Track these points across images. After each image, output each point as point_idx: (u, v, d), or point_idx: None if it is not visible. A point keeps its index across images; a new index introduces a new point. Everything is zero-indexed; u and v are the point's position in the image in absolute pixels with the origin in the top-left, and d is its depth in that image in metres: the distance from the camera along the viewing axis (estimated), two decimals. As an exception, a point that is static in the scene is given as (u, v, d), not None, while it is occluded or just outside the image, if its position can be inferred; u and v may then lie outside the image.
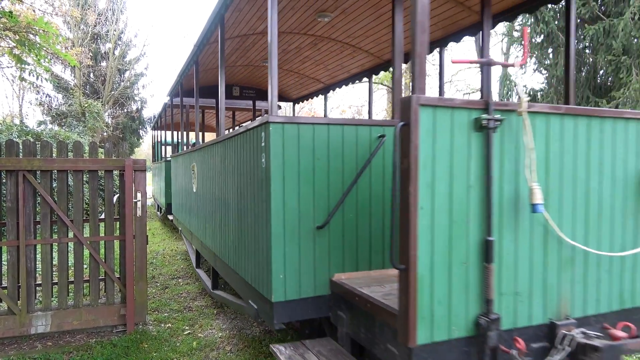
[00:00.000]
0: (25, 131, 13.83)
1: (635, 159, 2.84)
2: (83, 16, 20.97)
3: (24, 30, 7.26)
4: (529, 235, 2.54)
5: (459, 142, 2.33)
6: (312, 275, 3.16)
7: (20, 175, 4.23)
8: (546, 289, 2.60)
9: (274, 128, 2.99)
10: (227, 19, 4.85)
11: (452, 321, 2.33)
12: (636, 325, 2.80)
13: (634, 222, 2.84)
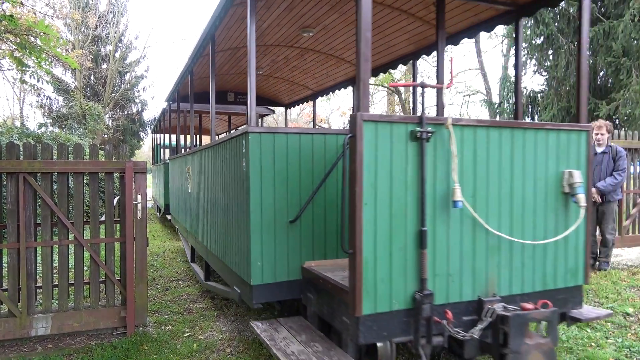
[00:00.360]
0: (26, 133, 13.85)
1: (555, 163, 3.36)
2: (84, 19, 21.02)
3: (24, 33, 7.28)
4: (459, 226, 3.05)
5: (397, 150, 2.84)
6: (286, 262, 3.70)
7: (21, 178, 4.24)
8: (475, 271, 3.11)
9: (252, 137, 3.52)
10: (218, 36, 5.27)
11: (393, 296, 2.85)
12: (557, 304, 3.37)
13: (554, 215, 3.36)
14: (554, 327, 2.94)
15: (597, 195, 6.31)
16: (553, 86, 13.16)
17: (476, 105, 23.04)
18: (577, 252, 3.50)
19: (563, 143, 3.41)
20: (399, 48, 5.68)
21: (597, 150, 6.33)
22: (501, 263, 3.19)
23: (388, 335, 2.87)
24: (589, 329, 4.56)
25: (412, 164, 2.89)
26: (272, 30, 5.49)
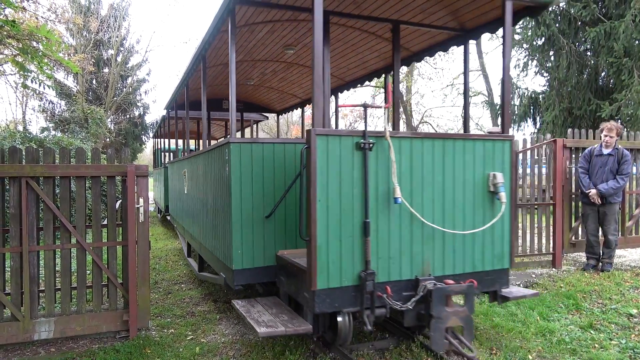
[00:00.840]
0: (28, 138, 13.90)
1: (482, 167, 3.99)
2: (85, 23, 21.08)
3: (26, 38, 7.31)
4: (399, 219, 3.68)
5: (345, 157, 3.46)
6: (262, 251, 4.33)
7: (24, 182, 4.25)
8: (413, 256, 3.75)
9: (233, 147, 4.20)
10: (209, 56, 5.89)
11: (342, 274, 3.48)
12: (485, 284, 4.06)
13: (481, 210, 4.00)
14: (470, 299, 3.63)
15: (597, 197, 6.26)
16: (554, 87, 13.14)
17: (478, 107, 22.99)
18: (503, 240, 4.15)
19: (489, 150, 4.05)
20: (372, 64, 6.44)
21: (604, 151, 6.26)
22: (435, 249, 3.85)
23: (339, 306, 3.50)
24: (593, 330, 4.55)
25: (358, 168, 3.53)
26: (258, 48, 6.17)
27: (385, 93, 5.72)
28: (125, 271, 4.60)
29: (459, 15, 4.85)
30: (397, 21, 5.05)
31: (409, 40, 5.57)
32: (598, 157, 6.27)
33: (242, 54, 6.47)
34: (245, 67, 7.14)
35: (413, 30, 5.31)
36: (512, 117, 14.38)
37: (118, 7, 24.87)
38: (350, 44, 5.87)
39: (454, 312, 3.53)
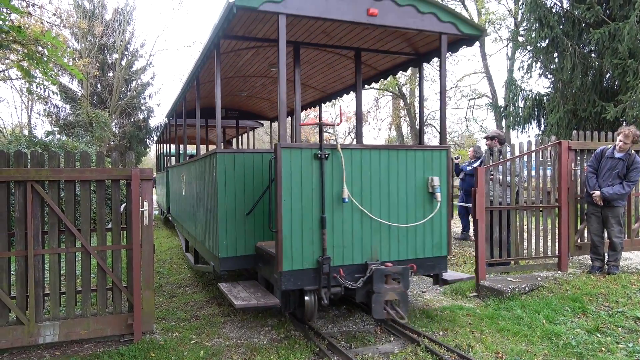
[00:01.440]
0: (33, 142, 13.96)
1: (422, 172, 4.85)
2: (90, 27, 21.18)
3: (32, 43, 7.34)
4: (351, 214, 4.53)
5: (305, 165, 4.32)
6: (244, 242, 5.16)
7: (29, 186, 4.27)
8: (363, 244, 4.58)
9: (219, 156, 5.05)
10: (201, 75, 6.74)
11: (304, 259, 4.31)
12: (426, 268, 4.93)
13: (422, 207, 4.85)
14: (405, 278, 4.43)
15: (600, 199, 6.17)
16: (559, 89, 13.08)
17: (482, 109, 22.92)
18: (441, 232, 4.96)
19: (428, 158, 4.90)
20: (347, 79, 7.35)
21: (616, 154, 6.12)
22: (382, 239, 4.67)
23: (301, 284, 4.33)
24: (599, 334, 4.51)
25: (316, 174, 4.38)
26: (247, 66, 6.99)
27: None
28: (130, 274, 4.60)
29: (411, 43, 5.66)
30: (358, 48, 5.94)
31: (375, 62, 6.48)
32: (608, 159, 6.18)
33: (233, 72, 7.33)
34: (237, 82, 8.07)
35: (372, 56, 6.25)
36: (517, 119, 14.31)
37: (122, 11, 24.98)
38: (327, 64, 6.75)
39: (392, 288, 4.34)
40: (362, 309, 5.43)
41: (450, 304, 5.63)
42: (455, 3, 21.73)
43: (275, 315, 5.35)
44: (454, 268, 7.68)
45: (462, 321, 4.97)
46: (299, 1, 4.28)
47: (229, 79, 7.72)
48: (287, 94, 6.04)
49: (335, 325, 4.99)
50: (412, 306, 5.61)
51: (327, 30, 5.42)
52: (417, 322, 4.96)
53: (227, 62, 6.62)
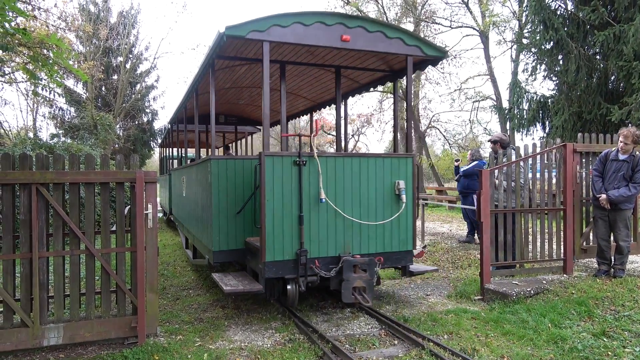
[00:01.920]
0: (38, 144, 14.02)
1: (390, 176, 5.49)
2: (95, 31, 21.27)
3: (37, 46, 7.38)
4: (326, 213, 5.16)
5: (286, 171, 4.96)
6: (234, 237, 5.79)
7: (34, 188, 4.28)
8: (337, 239, 5.21)
9: (213, 162, 5.72)
10: (200, 87, 7.25)
11: (284, 251, 4.95)
12: (393, 261, 5.55)
13: (389, 207, 5.49)
14: (371, 268, 5.05)
15: (606, 202, 6.12)
16: (564, 91, 13.03)
17: (486, 111, 22.85)
18: (407, 229, 5.60)
19: (395, 165, 5.55)
20: (334, 91, 7.67)
21: (620, 157, 6.07)
22: (354, 235, 5.31)
23: (282, 273, 4.97)
24: (606, 338, 4.48)
25: (295, 178, 5.02)
26: (242, 79, 7.70)
27: (311, 124, 7.95)
28: (134, 277, 4.60)
29: (386, 61, 6.33)
30: (338, 66, 6.69)
31: (357, 76, 7.20)
32: (613, 162, 6.13)
33: (230, 83, 7.99)
34: (234, 91, 8.73)
35: (350, 73, 7.05)
36: (521, 121, 14.26)
37: (127, 14, 25.10)
38: (315, 77, 7.42)
39: (359, 276, 4.95)
40: (367, 312, 5.41)
41: (454, 307, 5.60)
42: (459, 6, 21.73)
43: (279, 318, 5.34)
44: (458, 271, 7.65)
45: (467, 324, 4.95)
46: (280, 30, 4.92)
47: (227, 89, 8.40)
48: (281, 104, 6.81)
49: (340, 328, 4.97)
50: (417, 310, 5.59)
51: (310, 50, 6.00)
52: (421, 325, 4.94)
53: (224, 75, 7.32)
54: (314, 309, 5.72)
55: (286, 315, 5.37)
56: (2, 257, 4.31)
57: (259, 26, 4.84)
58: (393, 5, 23.17)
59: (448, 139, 27.09)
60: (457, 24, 22.10)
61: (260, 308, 5.80)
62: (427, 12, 23.08)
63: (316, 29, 5.09)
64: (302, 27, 5.05)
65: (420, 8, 22.82)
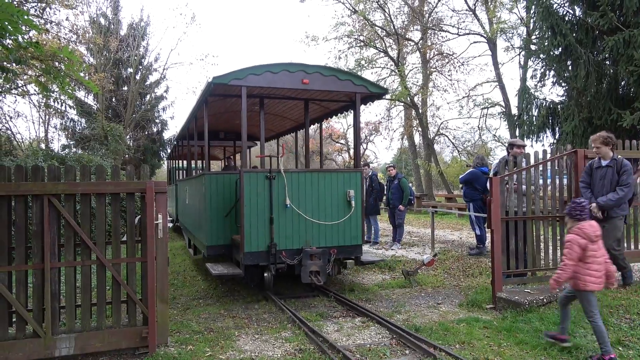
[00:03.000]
0: (50, 155, 14.18)
1: (343, 187, 6.84)
2: (105, 43, 21.54)
3: (49, 59, 7.49)
4: (292, 215, 6.51)
5: (260, 183, 6.34)
6: (223, 235, 7.21)
7: (46, 200, 4.32)
8: (299, 235, 6.54)
9: (207, 176, 7.21)
10: (197, 114, 8.56)
11: (259, 244, 6.32)
12: (347, 252, 6.87)
13: (342, 211, 6.83)
14: (325, 257, 6.43)
15: (598, 211, 5.76)
16: (573, 97, 12.94)
17: (495, 118, 22.69)
18: (357, 228, 6.96)
19: (346, 177, 6.98)
20: (311, 114, 8.97)
21: (602, 163, 5.85)
22: (313, 232, 6.69)
23: (257, 261, 6.38)
24: (621, 347, 4.40)
25: (267, 189, 6.43)
26: (233, 106, 8.92)
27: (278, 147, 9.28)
28: (145, 287, 4.61)
29: (344, 94, 7.63)
30: (306, 99, 8.09)
31: (326, 105, 8.53)
32: (597, 170, 5.89)
33: (223, 109, 9.26)
34: (230, 114, 9.92)
35: (317, 104, 8.49)
36: (530, 127, 14.15)
37: (137, 26, 25.41)
38: (294, 104, 8.70)
39: (314, 263, 6.37)
40: (378, 322, 5.37)
41: (466, 316, 5.54)
42: (467, 13, 21.74)
43: (289, 327, 5.32)
44: (469, 279, 7.59)
45: (479, 334, 4.89)
46: (255, 77, 6.45)
47: (222, 113, 9.68)
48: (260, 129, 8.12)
49: (350, 338, 4.94)
50: (428, 319, 5.54)
51: (280, 90, 7.37)
52: (433, 334, 4.89)
53: (217, 104, 8.59)
54: (325, 318, 5.69)
55: (296, 325, 5.34)
56: (14, 267, 4.35)
57: (238, 75, 6.37)
58: (400, 14, 23.23)
59: (457, 146, 26.95)
60: (464, 31, 22.09)
61: (270, 317, 5.78)
62: (434, 20, 23.11)
63: (282, 75, 6.61)
64: (272, 74, 6.56)
65: (427, 16, 22.86)
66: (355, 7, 21.52)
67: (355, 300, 6.39)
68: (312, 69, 6.82)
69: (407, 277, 7.48)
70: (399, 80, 21.95)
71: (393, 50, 23.35)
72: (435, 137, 25.89)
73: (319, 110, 8.96)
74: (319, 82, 6.83)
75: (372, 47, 23.43)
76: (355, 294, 6.85)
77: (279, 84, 6.64)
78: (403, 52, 23.37)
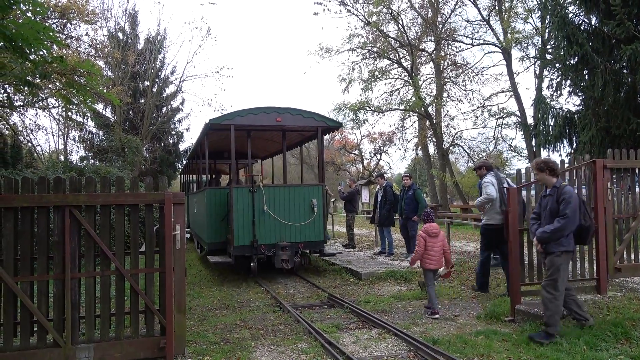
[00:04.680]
0: (69, 167, 14.44)
1: (309, 197, 9.27)
2: (123, 57, 21.99)
3: (70, 73, 7.68)
4: (269, 218, 8.97)
5: (245, 195, 8.90)
6: (220, 234, 9.59)
7: (67, 211, 4.40)
8: (275, 233, 8.95)
9: (207, 190, 10.03)
10: (201, 143, 10.75)
11: (245, 240, 8.80)
12: (312, 246, 9.31)
13: (308, 215, 9.18)
14: (292, 249, 8.79)
15: (537, 244, 5.09)
16: (590, 106, 12.79)
17: (510, 128, 22.45)
18: (319, 228, 9.20)
19: (311, 190, 9.34)
20: (294, 139, 11.65)
21: (547, 192, 5.17)
22: (286, 231, 8.93)
23: (243, 252, 8.72)
24: (645, 361, 4.30)
25: (250, 199, 8.80)
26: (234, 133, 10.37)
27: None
28: (162, 298, 4.65)
29: (310, 127, 9.72)
30: (283, 130, 9.96)
31: (302, 133, 10.65)
32: (543, 198, 5.25)
33: (224, 137, 10.81)
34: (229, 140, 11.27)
35: (292, 134, 10.82)
36: (547, 137, 14.00)
37: (154, 40, 25.90)
38: (276, 133, 10.68)
39: (284, 253, 8.62)
40: (395, 334, 5.33)
41: (484, 329, 5.47)
42: (481, 24, 21.72)
43: (305, 338, 5.30)
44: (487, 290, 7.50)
45: (498, 347, 4.82)
46: (240, 118, 8.95)
47: (222, 139, 11.43)
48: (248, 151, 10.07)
49: (367, 349, 4.91)
50: (446, 331, 5.49)
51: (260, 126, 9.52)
52: (451, 347, 4.83)
53: (217, 135, 10.61)
54: (341, 329, 5.67)
55: (312, 336, 5.33)
56: (37, 277, 4.43)
57: (228, 117, 8.99)
58: (413, 25, 23.29)
59: (472, 156, 26.74)
60: (478, 42, 22.04)
61: (286, 328, 5.77)
62: (448, 31, 23.11)
63: (261, 116, 9.07)
64: (253, 115, 9.03)
65: (441, 27, 22.88)
66: (369, 19, 21.63)
67: (371, 311, 6.35)
68: (282, 110, 9.26)
69: (423, 288, 7.42)
70: (413, 90, 21.94)
71: (407, 61, 23.37)
72: (450, 147, 25.74)
73: (296, 137, 11.34)
74: (289, 120, 9.27)
75: (385, 58, 23.50)
76: (371, 305, 6.81)
77: (259, 122, 9.11)
78: (417, 63, 23.37)
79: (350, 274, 9.30)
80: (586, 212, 5.11)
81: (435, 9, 22.77)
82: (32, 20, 3.44)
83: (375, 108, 23.73)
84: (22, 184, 4.51)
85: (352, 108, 22.30)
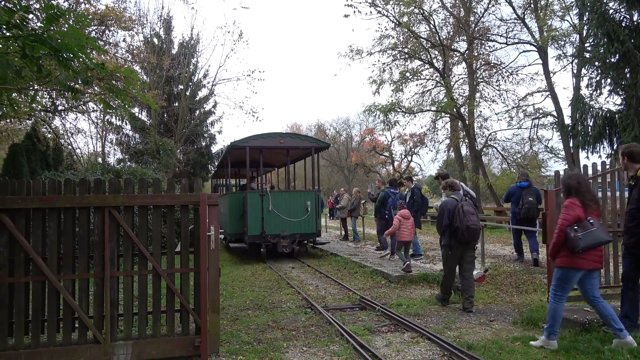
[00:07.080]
0: (107, 169, 14.91)
1: (304, 200, 12.65)
2: (159, 62, 22.55)
3: (109, 78, 7.94)
4: (275, 215, 12.22)
5: (257, 198, 12.28)
6: (239, 227, 12.82)
7: (106, 211, 4.54)
8: (278, 226, 12.23)
9: (230, 194, 14.11)
10: (225, 159, 14.89)
11: (256, 230, 12.13)
12: (306, 237, 12.71)
13: (303, 213, 12.50)
14: (290, 239, 12.21)
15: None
16: (632, 105, 12.31)
17: (547, 129, 21.77)
18: (312, 223, 12.57)
19: (307, 195, 12.91)
20: (298, 155, 15.08)
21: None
22: (286, 225, 12.23)
23: (255, 240, 12.17)
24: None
25: (260, 201, 12.17)
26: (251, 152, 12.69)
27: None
28: (197, 297, 4.74)
29: (306, 147, 13.28)
30: (287, 148, 13.12)
31: (303, 149, 13.64)
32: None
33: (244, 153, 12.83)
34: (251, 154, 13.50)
35: (295, 151, 13.92)
36: (586, 138, 13.54)
37: (187, 44, 26.46)
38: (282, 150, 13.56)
39: (285, 241, 12.09)
40: (428, 338, 5.26)
41: (521, 335, 5.33)
42: (515, 22, 21.23)
43: (337, 341, 5.29)
44: (523, 296, 7.31)
45: (536, 354, 4.69)
46: (254, 141, 12.37)
47: (243, 154, 13.20)
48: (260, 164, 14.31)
49: (400, 353, 4.86)
50: (481, 336, 5.38)
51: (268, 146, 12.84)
52: (486, 353, 4.73)
53: (238, 152, 13.16)
54: (372, 332, 5.63)
55: (344, 339, 5.32)
56: (78, 276, 4.59)
57: (244, 141, 12.35)
58: (445, 25, 22.96)
59: (506, 157, 26.10)
60: (513, 41, 21.54)
61: (318, 330, 5.78)
62: (481, 30, 22.68)
63: (269, 139, 12.57)
64: (263, 139, 12.49)
65: (474, 26, 22.48)
66: (399, 20, 21.45)
67: (403, 314, 6.29)
68: (285, 135, 13.84)
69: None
70: (445, 91, 21.62)
71: (438, 62, 23.06)
72: (483, 148, 25.22)
73: (299, 153, 14.55)
74: (290, 142, 13.11)
75: (416, 59, 23.24)
76: (403, 309, 6.74)
77: (267, 144, 12.62)
78: (449, 63, 23.02)
79: (382, 276, 9.23)
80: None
81: (467, 8, 22.39)
82: (76, 30, 3.57)
83: (406, 109, 23.51)
84: (64, 186, 4.68)
85: (382, 110, 22.19)
